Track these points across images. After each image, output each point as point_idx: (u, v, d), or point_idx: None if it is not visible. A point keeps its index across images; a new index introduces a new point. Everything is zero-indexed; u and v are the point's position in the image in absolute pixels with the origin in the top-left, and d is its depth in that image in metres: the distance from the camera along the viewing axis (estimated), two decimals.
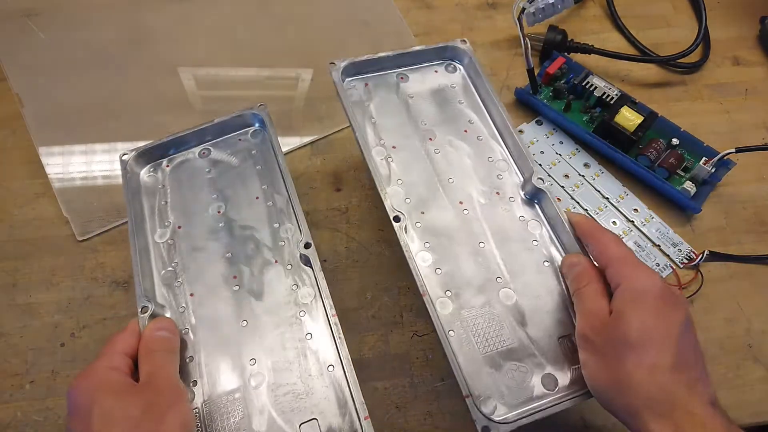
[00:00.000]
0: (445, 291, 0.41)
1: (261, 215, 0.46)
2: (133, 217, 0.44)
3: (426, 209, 0.44)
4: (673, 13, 0.66)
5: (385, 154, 0.46)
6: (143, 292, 0.41)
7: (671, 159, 0.52)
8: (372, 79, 0.50)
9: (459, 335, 0.39)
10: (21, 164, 0.54)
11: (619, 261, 0.36)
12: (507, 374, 0.38)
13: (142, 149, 0.47)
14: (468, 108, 0.49)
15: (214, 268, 0.44)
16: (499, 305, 0.40)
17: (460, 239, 0.43)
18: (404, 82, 0.50)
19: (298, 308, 0.42)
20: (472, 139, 0.47)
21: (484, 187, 0.45)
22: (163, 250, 0.45)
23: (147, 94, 0.58)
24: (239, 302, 0.42)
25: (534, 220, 0.44)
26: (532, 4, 0.56)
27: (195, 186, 0.47)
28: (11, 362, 0.46)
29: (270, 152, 0.48)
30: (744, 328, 0.49)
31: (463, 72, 0.51)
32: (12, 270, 0.49)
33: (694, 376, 0.32)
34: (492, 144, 0.47)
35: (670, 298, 0.34)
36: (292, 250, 0.44)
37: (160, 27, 0.62)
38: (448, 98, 0.49)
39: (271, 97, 0.60)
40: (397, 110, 0.48)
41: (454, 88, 0.50)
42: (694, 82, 0.61)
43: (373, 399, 0.45)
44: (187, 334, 0.41)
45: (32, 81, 0.57)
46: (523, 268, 0.42)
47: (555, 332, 0.39)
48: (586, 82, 0.56)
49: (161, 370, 0.37)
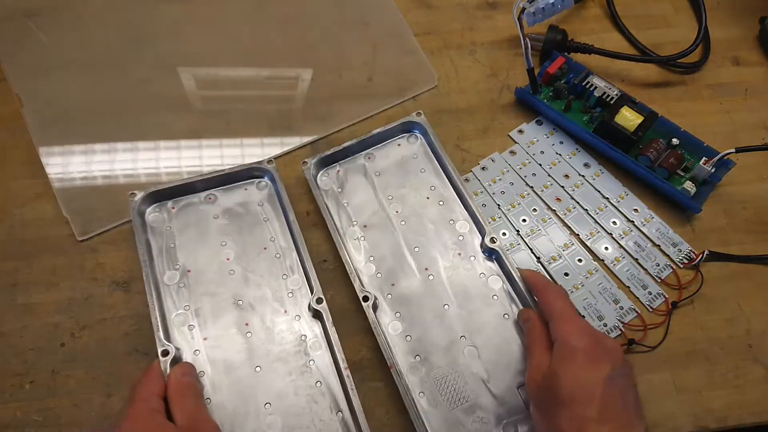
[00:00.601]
0: (414, 356, 0.45)
1: (269, 266, 0.48)
2: (146, 258, 0.46)
3: (396, 281, 0.48)
4: (673, 13, 0.66)
5: (358, 235, 0.50)
6: (162, 335, 0.43)
7: (671, 159, 0.52)
8: (343, 165, 0.53)
9: (428, 396, 0.43)
10: (21, 164, 0.54)
11: (557, 317, 0.40)
12: (471, 426, 0.42)
13: (151, 191, 0.49)
14: (429, 175, 0.53)
15: (225, 313, 0.46)
16: (464, 363, 0.44)
17: (427, 305, 0.47)
18: (371, 161, 0.54)
19: (308, 357, 0.44)
20: (434, 204, 0.51)
21: (446, 250, 0.49)
22: (173, 293, 0.46)
23: (147, 94, 0.58)
24: (252, 348, 0.45)
25: (493, 275, 0.48)
26: (532, 4, 0.56)
27: (202, 231, 0.49)
28: (11, 362, 0.46)
29: (277, 205, 0.50)
30: (744, 328, 0.49)
31: (422, 140, 0.55)
32: (12, 270, 0.49)
33: (619, 424, 0.35)
34: (453, 206, 0.51)
35: (598, 352, 0.37)
36: (299, 302, 0.46)
37: (160, 27, 0.62)
38: (410, 168, 0.53)
39: (271, 97, 0.60)
40: (366, 190, 0.52)
41: (416, 157, 0.54)
42: (694, 82, 0.61)
43: (373, 399, 0.45)
44: (203, 376, 0.43)
45: (32, 81, 0.57)
46: (485, 324, 0.46)
47: (514, 382, 0.43)
48: (586, 82, 0.56)
49: (200, 414, 0.39)
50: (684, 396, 0.46)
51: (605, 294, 0.49)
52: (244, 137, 0.56)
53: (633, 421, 0.36)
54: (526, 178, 0.55)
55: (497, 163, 0.56)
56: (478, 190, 0.54)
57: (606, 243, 0.52)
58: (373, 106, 0.58)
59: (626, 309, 0.49)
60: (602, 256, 0.51)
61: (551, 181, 0.55)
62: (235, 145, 0.56)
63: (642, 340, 0.47)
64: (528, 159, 0.56)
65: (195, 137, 0.56)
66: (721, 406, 0.46)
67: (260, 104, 0.59)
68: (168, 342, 0.42)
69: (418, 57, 0.61)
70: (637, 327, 0.48)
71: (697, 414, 0.45)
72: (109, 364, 0.46)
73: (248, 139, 0.56)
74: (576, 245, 0.51)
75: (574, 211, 0.53)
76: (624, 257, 0.51)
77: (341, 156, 0.53)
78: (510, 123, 0.58)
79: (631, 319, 0.48)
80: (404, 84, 0.60)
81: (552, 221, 0.53)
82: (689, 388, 0.46)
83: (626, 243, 0.52)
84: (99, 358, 0.46)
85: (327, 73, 0.60)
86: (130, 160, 0.54)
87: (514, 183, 0.55)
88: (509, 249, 0.51)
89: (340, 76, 0.60)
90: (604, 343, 0.38)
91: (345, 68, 0.60)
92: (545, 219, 0.53)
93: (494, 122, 0.58)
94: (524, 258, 0.51)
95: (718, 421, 0.45)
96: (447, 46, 0.63)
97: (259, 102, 0.59)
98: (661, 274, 0.50)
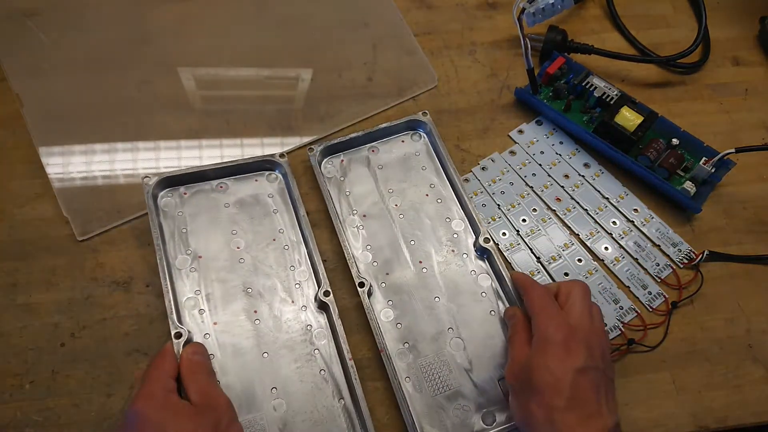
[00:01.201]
0: (403, 343, 0.46)
1: (277, 257, 0.49)
2: (160, 243, 0.47)
3: (390, 270, 0.49)
4: (673, 13, 0.66)
5: (357, 224, 0.51)
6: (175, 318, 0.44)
7: (671, 159, 0.52)
8: (347, 155, 0.55)
9: (413, 382, 0.45)
10: (21, 164, 0.54)
11: (539, 312, 0.41)
12: (453, 413, 0.44)
13: (165, 176, 0.50)
14: (430, 173, 0.54)
15: (235, 300, 0.47)
16: (449, 353, 0.46)
17: (418, 296, 0.48)
18: (375, 154, 0.55)
19: (313, 347, 0.46)
20: (432, 202, 0.53)
21: (441, 246, 0.51)
22: (185, 277, 0.47)
23: (147, 94, 0.58)
24: (259, 335, 0.46)
25: (483, 273, 0.50)
26: (532, 5, 0.56)
27: (213, 218, 0.50)
28: (11, 362, 0.46)
29: (286, 198, 0.51)
30: (744, 328, 0.49)
31: (426, 139, 0.56)
32: (12, 270, 0.49)
33: (586, 412, 0.37)
34: (450, 205, 0.53)
35: (572, 345, 0.38)
36: (306, 293, 0.48)
37: (160, 27, 0.62)
38: (412, 165, 0.55)
39: (271, 97, 0.60)
40: (367, 181, 0.54)
41: (418, 155, 0.55)
42: (694, 82, 0.61)
43: (373, 398, 0.45)
44: (212, 359, 0.44)
45: (32, 81, 0.57)
46: (472, 319, 0.48)
47: (495, 375, 0.45)
48: (586, 82, 0.56)
49: (213, 390, 0.40)
50: (684, 396, 0.46)
51: (605, 294, 0.49)
52: (244, 137, 0.56)
53: (602, 411, 0.37)
54: (526, 178, 0.55)
55: (497, 163, 0.56)
56: (478, 190, 0.54)
57: (606, 243, 0.52)
58: (372, 106, 0.58)
59: (626, 309, 0.49)
60: (602, 256, 0.51)
61: (551, 181, 0.55)
62: (235, 145, 0.56)
63: (642, 340, 0.47)
64: (528, 159, 0.56)
65: (195, 137, 0.56)
66: (721, 406, 0.46)
67: (260, 104, 0.59)
68: (180, 324, 0.43)
69: (418, 57, 0.62)
70: (637, 327, 0.48)
71: (696, 414, 0.45)
72: (109, 364, 0.46)
73: (248, 139, 0.56)
74: (576, 245, 0.51)
75: (574, 211, 0.53)
76: (624, 257, 0.51)
77: (346, 146, 0.55)
78: (510, 123, 0.58)
79: (631, 319, 0.48)
80: (404, 84, 0.60)
81: (552, 221, 0.53)
82: (689, 388, 0.46)
83: (626, 243, 0.52)
84: (99, 358, 0.46)
85: (327, 73, 0.60)
86: (130, 160, 0.54)
87: (514, 183, 0.55)
88: (509, 249, 0.51)
89: (340, 76, 0.60)
90: (582, 338, 0.39)
91: (345, 68, 0.60)
92: (545, 219, 0.53)
93: (494, 122, 0.58)
94: (524, 258, 0.51)
95: (718, 421, 0.45)
96: (447, 46, 0.63)
97: (259, 102, 0.59)
98: (660, 274, 0.50)
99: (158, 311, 0.48)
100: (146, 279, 0.49)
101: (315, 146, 0.53)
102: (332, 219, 0.50)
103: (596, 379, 0.38)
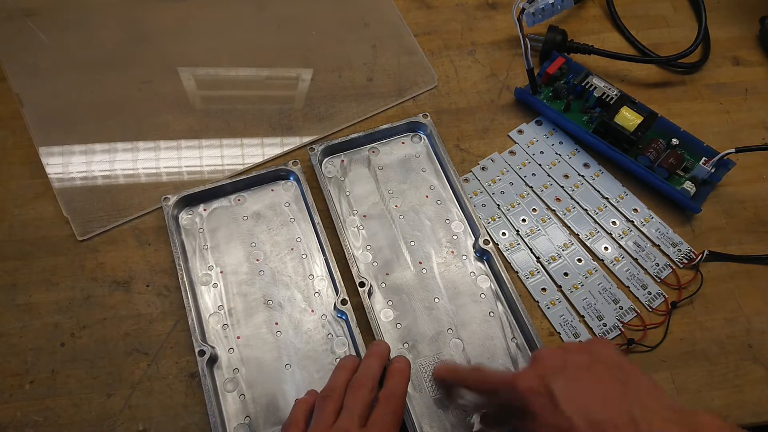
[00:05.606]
0: (403, 343, 0.47)
1: (295, 266, 0.49)
2: (181, 262, 0.47)
3: (390, 271, 0.50)
4: (673, 13, 0.66)
5: (357, 224, 0.51)
6: (198, 335, 0.44)
7: (671, 159, 0.52)
8: (347, 155, 0.55)
9: (413, 382, 0.45)
10: (21, 164, 0.54)
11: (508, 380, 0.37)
12: (452, 413, 0.44)
13: (184, 195, 0.50)
14: (430, 175, 0.54)
15: (256, 313, 0.47)
16: (448, 353, 0.46)
17: (418, 296, 0.49)
18: (375, 155, 0.55)
19: (335, 355, 0.46)
20: (432, 203, 0.53)
21: (441, 247, 0.51)
22: (206, 293, 0.48)
23: (147, 94, 0.58)
24: (281, 347, 0.46)
25: (482, 275, 0.50)
26: (532, 5, 0.56)
27: (233, 232, 0.51)
28: (11, 362, 0.46)
29: (302, 205, 0.52)
30: (744, 328, 0.49)
31: (426, 141, 0.56)
32: (12, 270, 0.49)
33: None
34: (449, 206, 0.53)
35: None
36: (325, 302, 0.48)
37: (160, 27, 0.62)
38: (412, 167, 0.55)
39: (271, 97, 0.60)
40: (368, 181, 0.54)
41: (418, 156, 0.55)
42: (694, 82, 0.61)
43: None
44: (237, 374, 0.45)
45: (32, 81, 0.57)
46: (471, 320, 0.48)
47: None
48: (586, 83, 0.56)
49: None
50: (684, 396, 0.46)
51: (605, 294, 0.49)
52: (244, 137, 0.56)
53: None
54: (525, 178, 0.55)
55: (497, 163, 0.56)
56: (477, 190, 0.54)
57: (606, 243, 0.52)
58: (372, 107, 0.58)
59: (626, 309, 0.49)
60: (602, 256, 0.51)
61: (551, 181, 0.55)
62: (235, 145, 0.56)
63: (641, 340, 0.47)
64: (528, 159, 0.56)
65: (195, 137, 0.56)
66: (721, 406, 0.46)
67: (260, 104, 0.59)
68: (204, 342, 0.44)
69: (418, 57, 0.62)
70: (637, 327, 0.48)
71: None
72: (109, 364, 0.46)
73: (248, 139, 0.56)
74: (576, 245, 0.51)
75: (573, 211, 0.53)
76: (624, 257, 0.51)
77: (347, 146, 0.55)
78: (510, 123, 0.58)
79: (631, 319, 0.48)
80: (404, 84, 0.60)
81: (552, 221, 0.53)
82: (689, 387, 0.46)
83: (626, 243, 0.52)
84: (99, 358, 0.46)
85: (327, 73, 0.60)
86: (130, 160, 0.54)
87: (513, 183, 0.55)
88: (509, 249, 0.51)
89: (340, 76, 0.60)
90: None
91: (345, 68, 0.61)
92: (545, 219, 0.53)
93: (494, 122, 0.58)
94: (524, 258, 0.51)
95: None
96: (447, 47, 0.63)
97: (259, 102, 0.59)
98: (660, 274, 0.50)
99: (158, 311, 0.48)
100: (146, 279, 0.49)
101: (316, 146, 0.53)
102: (333, 219, 0.50)
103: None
